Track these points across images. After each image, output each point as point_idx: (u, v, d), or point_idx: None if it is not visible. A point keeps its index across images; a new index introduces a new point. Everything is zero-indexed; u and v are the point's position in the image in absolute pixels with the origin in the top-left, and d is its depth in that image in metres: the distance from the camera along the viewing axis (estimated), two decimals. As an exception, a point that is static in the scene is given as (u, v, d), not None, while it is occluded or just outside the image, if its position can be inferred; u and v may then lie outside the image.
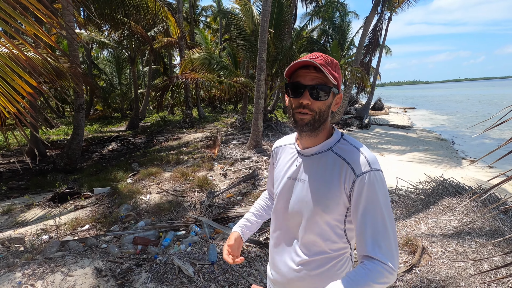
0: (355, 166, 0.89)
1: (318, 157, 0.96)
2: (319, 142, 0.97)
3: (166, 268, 2.60)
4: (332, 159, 0.94)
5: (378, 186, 0.87)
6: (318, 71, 0.89)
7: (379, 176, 0.88)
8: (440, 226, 3.32)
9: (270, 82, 10.62)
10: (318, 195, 0.93)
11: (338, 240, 0.95)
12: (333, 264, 0.96)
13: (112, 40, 13.96)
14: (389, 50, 25.99)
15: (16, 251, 2.96)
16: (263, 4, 6.79)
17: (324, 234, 0.94)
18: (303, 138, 0.98)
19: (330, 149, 0.95)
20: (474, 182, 5.19)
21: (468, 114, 21.58)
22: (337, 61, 0.95)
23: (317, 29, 23.25)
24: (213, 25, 26.28)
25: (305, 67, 0.91)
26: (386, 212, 0.86)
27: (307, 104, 0.89)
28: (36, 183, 5.60)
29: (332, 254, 0.96)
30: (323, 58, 0.89)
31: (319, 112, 0.91)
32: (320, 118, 0.92)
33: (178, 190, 4.76)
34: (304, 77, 0.90)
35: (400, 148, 9.49)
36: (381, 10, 15.51)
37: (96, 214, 3.97)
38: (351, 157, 0.91)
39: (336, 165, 0.92)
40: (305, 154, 1.00)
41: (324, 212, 0.92)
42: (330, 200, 0.91)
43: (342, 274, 0.97)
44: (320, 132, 0.95)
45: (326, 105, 0.92)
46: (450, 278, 2.46)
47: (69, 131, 11.45)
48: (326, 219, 0.93)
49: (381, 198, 0.87)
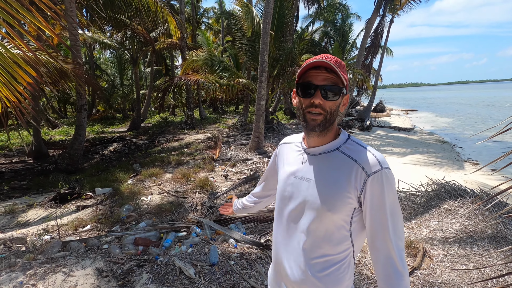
0: (366, 166, 0.89)
1: (325, 156, 0.97)
2: (327, 142, 0.97)
3: (167, 269, 2.60)
4: (340, 159, 0.94)
5: (390, 185, 0.89)
6: (329, 71, 0.90)
7: (390, 174, 0.90)
8: (441, 229, 3.31)
9: (271, 84, 10.64)
10: (325, 194, 0.92)
11: (343, 242, 0.95)
12: (337, 267, 0.95)
13: (114, 41, 14.03)
14: (390, 52, 26.00)
15: (18, 251, 2.97)
16: (265, 6, 6.81)
17: (329, 235, 0.94)
18: (311, 137, 0.98)
19: (338, 149, 0.96)
20: (476, 185, 5.17)
21: (470, 116, 21.52)
22: (344, 63, 0.96)
23: (318, 31, 23.29)
24: (215, 27, 26.37)
25: (316, 67, 0.92)
26: (397, 209, 0.90)
27: (319, 103, 0.90)
28: (38, 183, 5.61)
29: (336, 256, 0.95)
30: (333, 60, 0.90)
31: (330, 112, 0.92)
32: (331, 118, 0.93)
33: (179, 191, 4.77)
34: (316, 77, 0.91)
35: (401, 150, 9.47)
36: (383, 12, 15.52)
37: (97, 215, 3.98)
38: (360, 157, 0.91)
39: (345, 165, 0.92)
40: (312, 153, 1.00)
41: (330, 212, 0.92)
42: (337, 200, 0.91)
43: (345, 277, 0.97)
44: (329, 132, 0.96)
45: (336, 105, 0.93)
46: (452, 282, 2.45)
47: (71, 131, 11.49)
48: (332, 219, 0.92)
49: (392, 197, 0.89)
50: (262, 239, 3.25)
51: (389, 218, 0.89)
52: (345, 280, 0.97)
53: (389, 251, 0.89)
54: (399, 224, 0.91)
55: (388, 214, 0.89)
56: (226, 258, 2.78)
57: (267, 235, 3.32)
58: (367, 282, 2.52)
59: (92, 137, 11.11)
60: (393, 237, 0.89)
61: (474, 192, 3.94)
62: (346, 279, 0.97)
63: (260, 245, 3.04)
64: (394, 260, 0.89)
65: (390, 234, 0.89)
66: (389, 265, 0.89)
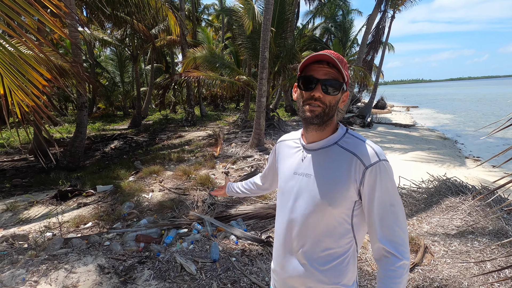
0: (364, 158, 0.90)
1: (324, 151, 0.97)
2: (325, 137, 0.98)
3: (169, 266, 2.61)
4: (339, 153, 0.95)
5: (388, 176, 0.90)
6: (331, 66, 0.92)
7: (388, 166, 0.91)
8: (443, 225, 3.30)
9: (272, 81, 10.61)
10: (325, 189, 0.93)
11: (345, 236, 0.96)
12: (340, 260, 0.96)
13: (114, 38, 14.00)
14: (392, 48, 25.84)
15: (20, 248, 2.98)
16: (266, 2, 6.77)
17: (331, 229, 0.95)
18: (310, 132, 0.99)
19: (336, 143, 0.97)
20: (478, 181, 5.16)
21: (472, 113, 21.44)
22: (346, 60, 0.97)
23: (319, 27, 23.14)
24: (215, 23, 26.25)
25: (318, 62, 0.93)
26: (397, 200, 0.91)
27: (319, 97, 0.92)
28: (39, 180, 5.63)
29: (339, 250, 0.96)
30: (335, 55, 0.91)
31: (329, 105, 0.93)
32: (330, 112, 0.94)
33: (181, 188, 4.78)
34: (317, 71, 0.92)
35: (402, 147, 9.45)
36: (384, 8, 15.40)
37: (99, 212, 4.00)
38: (359, 149, 0.92)
39: (344, 159, 0.93)
40: (311, 148, 1.00)
41: (332, 206, 0.92)
42: (338, 194, 0.92)
43: (348, 269, 0.97)
44: (327, 126, 0.97)
45: (335, 100, 0.94)
46: (453, 278, 2.45)
47: (72, 129, 11.50)
48: (334, 213, 0.93)
49: (391, 187, 0.90)
50: (263, 235, 3.25)
51: (388, 208, 0.90)
52: (348, 272, 0.98)
53: (390, 241, 0.90)
54: (400, 214, 0.91)
55: (387, 204, 0.90)
56: (227, 255, 2.79)
57: (268, 232, 3.33)
58: (368, 278, 2.53)
59: (93, 134, 11.12)
60: (395, 227, 0.90)
61: (475, 188, 3.94)
62: (349, 272, 0.98)
63: (261, 242, 3.04)
64: (395, 250, 0.90)
65: (390, 225, 0.90)
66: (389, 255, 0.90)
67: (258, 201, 4.13)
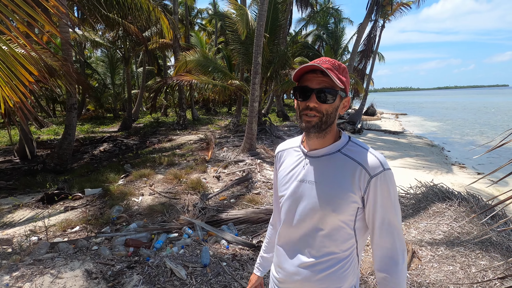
0: (368, 167, 0.92)
1: (327, 158, 0.98)
2: (328, 144, 0.99)
3: (158, 271, 2.58)
4: (342, 160, 0.96)
5: (392, 185, 0.93)
6: (324, 75, 0.92)
7: (391, 174, 0.94)
8: (430, 230, 3.38)
9: (264, 86, 10.68)
10: (329, 196, 0.95)
11: (347, 241, 0.98)
12: (342, 265, 0.98)
13: (106, 40, 13.85)
14: (382, 57, 26.43)
15: (3, 253, 2.90)
16: (259, 8, 6.85)
17: (334, 235, 0.96)
18: (311, 139, 1.00)
19: (339, 151, 0.98)
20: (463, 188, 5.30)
21: (458, 121, 22.05)
22: (345, 66, 0.98)
23: (311, 34, 23.52)
24: (209, 28, 26.34)
25: (312, 71, 0.94)
26: (398, 209, 0.96)
27: (314, 106, 0.92)
28: (25, 183, 5.48)
29: (341, 254, 0.98)
30: (330, 63, 0.92)
31: (326, 114, 0.93)
32: (327, 120, 0.94)
33: (171, 192, 4.73)
34: (311, 81, 0.93)
35: (391, 153, 9.63)
36: (374, 17, 15.80)
37: (87, 216, 3.91)
38: (363, 158, 0.94)
39: (348, 166, 0.94)
40: (313, 155, 1.01)
41: (335, 212, 0.94)
42: (342, 200, 0.93)
43: (349, 274, 1.00)
44: (327, 133, 0.97)
45: (333, 108, 0.95)
46: (439, 282, 2.50)
47: (60, 131, 11.27)
48: (337, 219, 0.95)
49: (394, 195, 0.94)
50: (254, 240, 3.25)
51: (392, 215, 0.94)
52: (349, 277, 1.00)
53: (392, 246, 0.95)
54: (399, 219, 0.96)
55: (391, 211, 0.94)
56: (218, 259, 2.78)
57: (259, 237, 3.33)
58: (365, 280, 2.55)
59: (82, 136, 10.91)
60: (395, 232, 0.94)
61: (461, 195, 4.04)
62: (350, 276, 1.00)
63: (252, 246, 3.04)
64: (396, 254, 0.95)
65: (392, 230, 0.94)
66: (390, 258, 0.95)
67: (249, 206, 4.13)
